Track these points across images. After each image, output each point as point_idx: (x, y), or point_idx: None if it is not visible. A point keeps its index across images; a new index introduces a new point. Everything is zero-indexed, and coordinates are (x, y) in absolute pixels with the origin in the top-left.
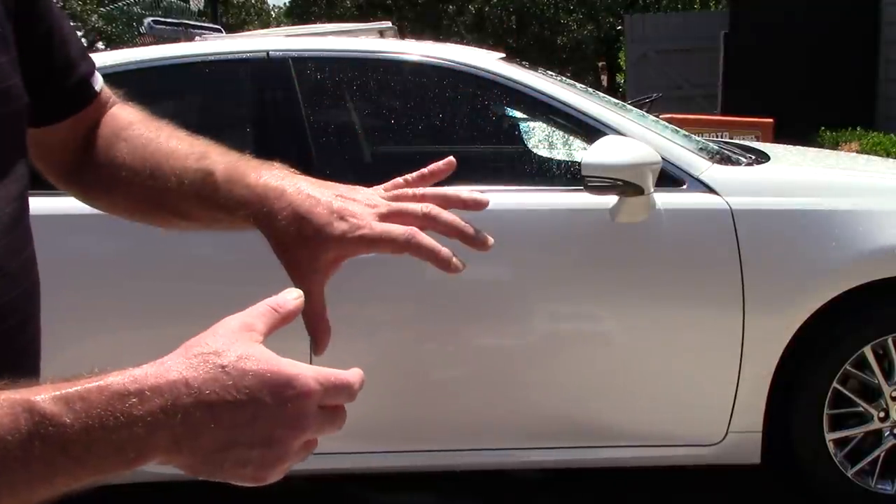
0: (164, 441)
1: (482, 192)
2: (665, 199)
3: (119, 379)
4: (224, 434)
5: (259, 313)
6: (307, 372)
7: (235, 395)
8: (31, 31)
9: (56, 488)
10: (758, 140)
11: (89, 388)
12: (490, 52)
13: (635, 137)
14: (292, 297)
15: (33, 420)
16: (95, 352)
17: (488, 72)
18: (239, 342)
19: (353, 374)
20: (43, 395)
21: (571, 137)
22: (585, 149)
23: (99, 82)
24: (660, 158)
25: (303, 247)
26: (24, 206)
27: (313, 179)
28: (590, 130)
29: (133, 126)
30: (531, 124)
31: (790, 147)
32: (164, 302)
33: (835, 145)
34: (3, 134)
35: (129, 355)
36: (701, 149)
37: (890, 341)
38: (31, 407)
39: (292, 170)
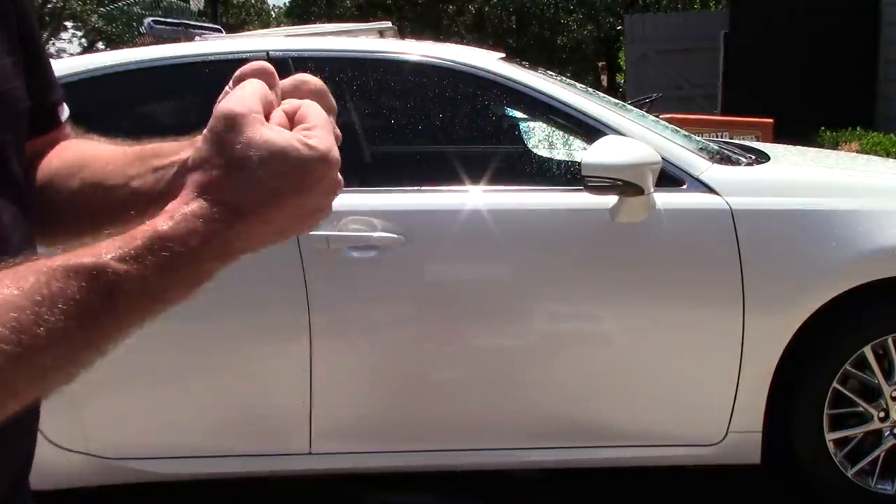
0: (215, 264)
1: (483, 191)
2: (665, 199)
3: (160, 227)
4: (288, 215)
5: (253, 94)
6: (327, 138)
7: (276, 182)
8: (24, 41)
9: (146, 319)
10: (758, 140)
11: (140, 244)
12: (490, 52)
13: (635, 137)
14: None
15: (102, 277)
16: None
17: (488, 72)
18: (255, 134)
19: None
20: (103, 256)
21: (571, 137)
22: (585, 149)
23: (66, 113)
24: (660, 158)
25: None
26: (26, 207)
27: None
28: (590, 130)
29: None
30: (531, 124)
31: (790, 147)
32: None
33: (835, 145)
34: (3, 135)
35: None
36: (701, 149)
37: (890, 341)
38: (93, 267)
39: None
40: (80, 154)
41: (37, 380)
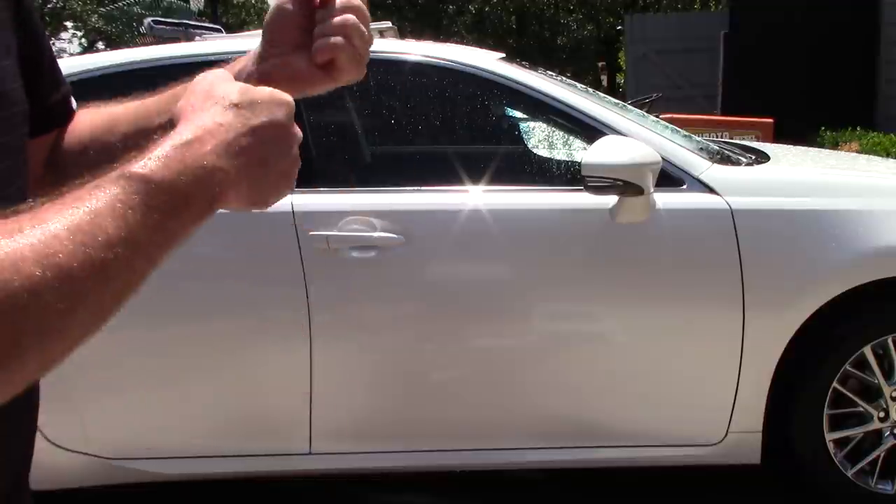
0: (230, 175)
1: (483, 191)
2: (665, 199)
3: (177, 138)
4: (264, 151)
5: (220, 71)
6: (283, 92)
7: (258, 119)
8: (29, 43)
9: (173, 237)
10: (758, 140)
11: (162, 152)
12: (490, 52)
13: (635, 137)
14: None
15: (139, 183)
16: (94, 350)
17: (488, 72)
18: (227, 87)
19: None
20: (135, 168)
21: (571, 137)
22: (585, 149)
23: (75, 105)
24: (660, 158)
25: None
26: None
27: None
28: (590, 130)
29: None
30: (531, 124)
31: (790, 147)
32: (164, 301)
33: (835, 145)
34: (2, 137)
35: (129, 355)
36: (701, 149)
37: (890, 341)
38: (131, 176)
39: None
40: (108, 113)
41: (102, 282)
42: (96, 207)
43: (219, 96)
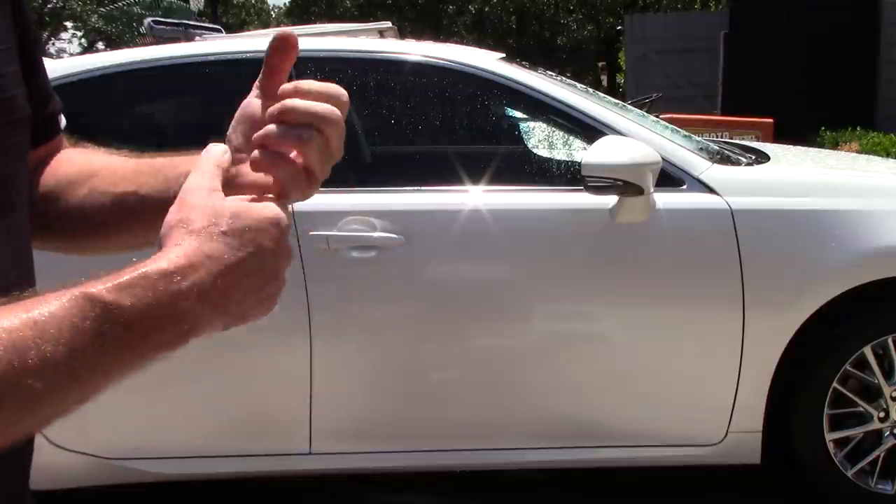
0: (208, 309)
1: (483, 191)
2: (665, 199)
3: (154, 266)
4: (247, 283)
5: (212, 175)
6: (276, 208)
7: (245, 251)
8: (25, 55)
9: (127, 368)
10: (758, 140)
11: (134, 277)
12: (490, 52)
13: (635, 137)
14: (223, 151)
15: (98, 307)
16: None
17: (488, 72)
18: (217, 205)
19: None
20: (99, 287)
21: (571, 137)
22: (585, 149)
23: (63, 122)
24: (660, 158)
25: None
26: (27, 215)
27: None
28: (590, 130)
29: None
30: (531, 124)
31: (790, 147)
32: None
33: (835, 145)
34: (5, 143)
35: None
36: (701, 149)
37: (890, 341)
38: (92, 297)
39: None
40: (88, 163)
41: (25, 406)
42: (43, 321)
43: (210, 217)
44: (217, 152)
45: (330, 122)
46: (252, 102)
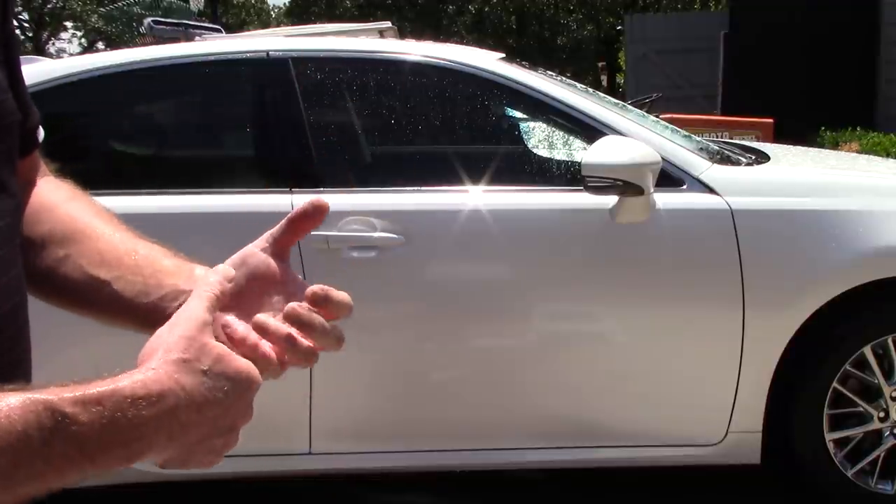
0: (163, 438)
1: (483, 191)
2: (665, 199)
3: (129, 384)
4: (205, 428)
5: (208, 306)
6: (255, 369)
7: (215, 395)
8: (9, 62)
9: (65, 480)
10: (758, 140)
11: (103, 392)
12: (490, 52)
13: (635, 137)
14: (227, 279)
15: (55, 419)
16: (95, 351)
17: (488, 72)
18: (205, 343)
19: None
20: (63, 396)
21: (571, 137)
22: (585, 149)
23: (41, 135)
24: (660, 158)
25: None
26: (18, 220)
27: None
28: (590, 130)
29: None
30: (531, 124)
31: (790, 147)
32: None
33: (835, 145)
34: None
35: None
36: (701, 149)
37: (890, 341)
38: (52, 406)
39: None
40: (73, 224)
41: None
42: None
43: (196, 352)
44: (220, 279)
45: (332, 345)
46: (257, 255)
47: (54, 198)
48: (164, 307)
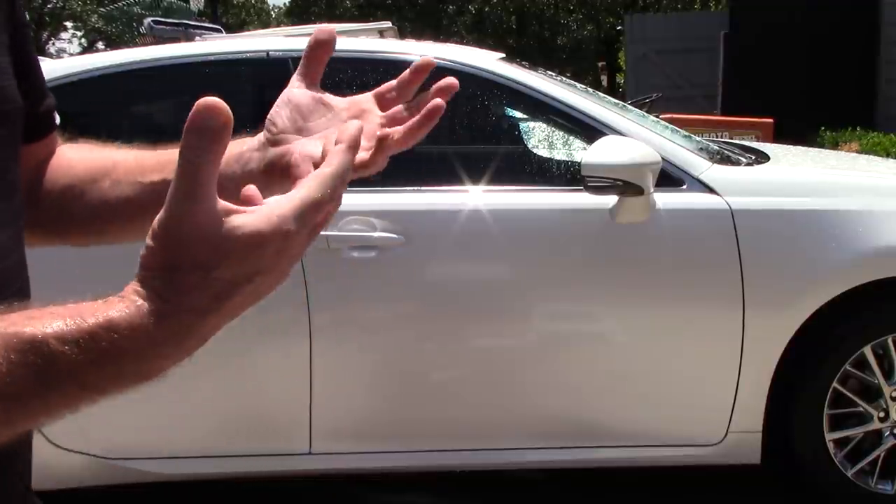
0: (173, 355)
1: (483, 191)
2: (665, 199)
3: (125, 318)
4: (235, 305)
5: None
6: (290, 215)
7: (239, 288)
8: (19, 48)
9: (75, 403)
10: (758, 140)
11: (96, 326)
12: (490, 52)
13: (635, 137)
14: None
15: (41, 358)
16: None
17: (488, 72)
18: (217, 236)
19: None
20: (49, 330)
21: (571, 137)
22: (585, 149)
23: (58, 119)
24: (660, 158)
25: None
26: (19, 208)
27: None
28: (590, 130)
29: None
30: (531, 124)
31: (790, 147)
32: None
33: (835, 145)
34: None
35: None
36: (701, 149)
37: (890, 341)
38: (38, 346)
39: None
40: (104, 157)
41: None
42: None
43: (206, 254)
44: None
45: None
46: (295, 92)
47: (79, 152)
48: (229, 175)
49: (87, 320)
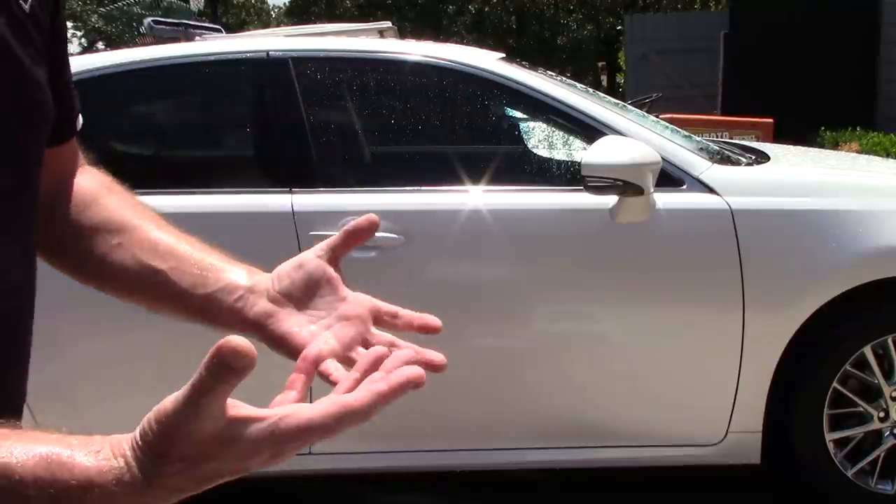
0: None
1: (483, 191)
2: (665, 199)
3: (122, 481)
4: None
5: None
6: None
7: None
8: (55, 52)
9: None
10: (758, 140)
11: (75, 485)
12: (490, 52)
13: (635, 137)
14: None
15: (13, 494)
16: (95, 351)
17: (488, 72)
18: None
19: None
20: (27, 474)
21: (571, 137)
22: (585, 149)
23: (80, 123)
24: (660, 158)
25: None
26: (35, 214)
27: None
28: (590, 130)
29: (136, 224)
30: (531, 124)
31: (790, 147)
32: None
33: (835, 145)
34: (32, 145)
35: (130, 356)
36: (701, 149)
37: (890, 341)
38: (14, 488)
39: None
40: (123, 216)
41: None
42: None
43: (210, 452)
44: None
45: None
46: (313, 262)
47: (99, 188)
48: (220, 300)
49: (66, 477)
